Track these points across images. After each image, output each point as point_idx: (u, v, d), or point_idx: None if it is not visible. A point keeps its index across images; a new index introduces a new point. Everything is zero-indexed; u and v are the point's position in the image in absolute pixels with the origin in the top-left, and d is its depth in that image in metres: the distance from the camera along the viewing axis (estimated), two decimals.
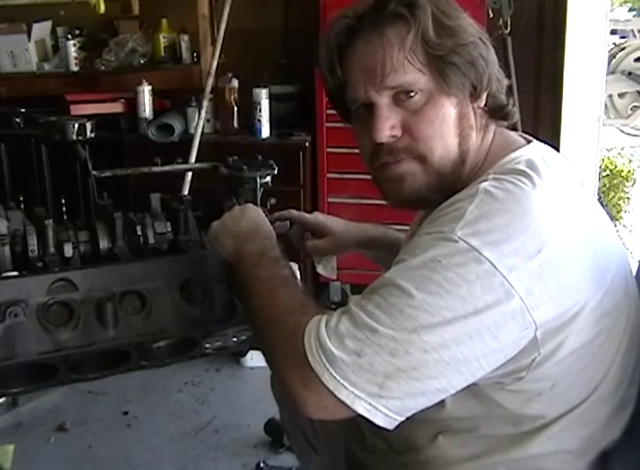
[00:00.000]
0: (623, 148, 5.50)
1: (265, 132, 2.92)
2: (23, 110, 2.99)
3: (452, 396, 0.92)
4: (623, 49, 6.51)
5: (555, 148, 1.08)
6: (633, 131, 6.61)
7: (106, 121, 2.80)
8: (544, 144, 1.08)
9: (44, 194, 3.01)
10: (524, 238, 0.88)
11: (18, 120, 2.97)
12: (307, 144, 2.89)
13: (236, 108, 2.95)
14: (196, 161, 2.71)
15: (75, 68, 3.18)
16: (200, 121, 2.83)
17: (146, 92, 2.99)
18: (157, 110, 3.05)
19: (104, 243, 1.24)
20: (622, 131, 6.56)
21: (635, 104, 6.37)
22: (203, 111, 2.84)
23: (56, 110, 2.94)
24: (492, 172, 0.98)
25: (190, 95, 3.00)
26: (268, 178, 1.38)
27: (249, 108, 2.91)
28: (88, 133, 1.30)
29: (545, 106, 2.95)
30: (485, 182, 0.94)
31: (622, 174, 4.44)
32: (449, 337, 0.86)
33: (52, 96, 3.09)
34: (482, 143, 1.06)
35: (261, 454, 2.25)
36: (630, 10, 9.46)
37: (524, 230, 0.89)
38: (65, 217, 1.70)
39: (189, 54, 3.21)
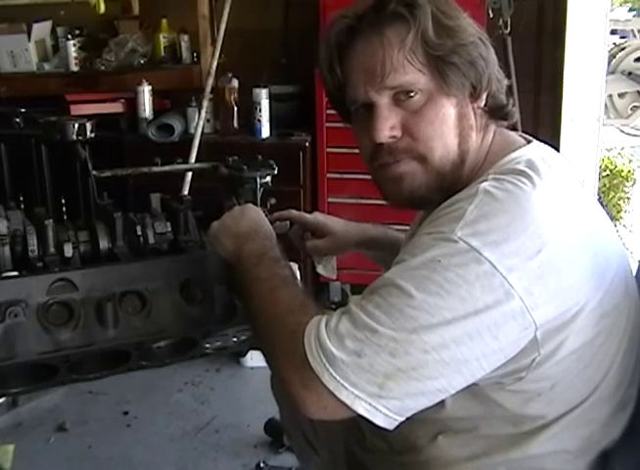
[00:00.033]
0: (623, 148, 5.50)
1: (265, 132, 2.92)
2: (23, 110, 2.99)
3: (452, 396, 0.92)
4: (623, 49, 6.50)
5: (555, 148, 1.08)
6: (633, 131, 6.61)
7: (106, 121, 2.80)
8: (544, 144, 1.07)
9: (44, 194, 3.01)
10: (523, 238, 0.88)
11: (18, 120, 2.97)
12: (307, 144, 2.89)
13: (236, 108, 2.95)
14: (196, 161, 2.71)
15: (75, 68, 3.18)
16: (200, 121, 2.83)
17: (146, 92, 2.99)
18: (157, 110, 3.05)
19: (104, 243, 1.24)
20: (622, 131, 6.56)
21: (635, 104, 6.37)
22: (203, 111, 2.84)
23: (56, 110, 2.94)
24: (492, 172, 0.98)
25: (190, 95, 3.00)
26: (268, 178, 1.38)
27: (249, 108, 2.91)
28: (88, 133, 1.30)
29: (545, 106, 2.95)
30: (485, 182, 0.94)
31: (622, 174, 4.44)
32: (449, 337, 0.86)
33: (52, 96, 3.09)
34: (482, 143, 1.06)
35: (261, 454, 2.25)
36: (630, 10, 9.46)
37: (523, 230, 0.89)
38: (65, 217, 1.70)
39: (189, 54, 3.21)
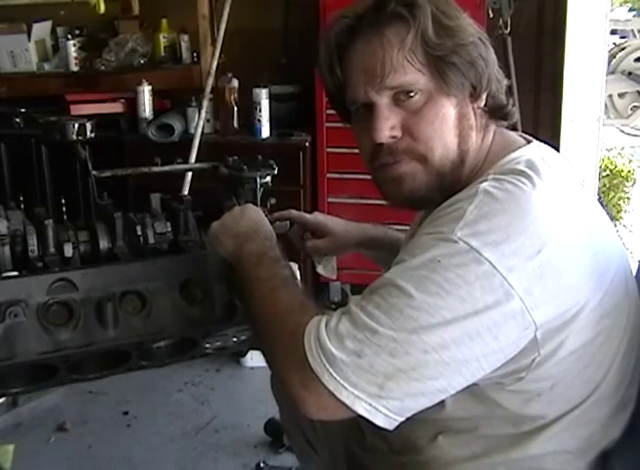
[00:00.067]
0: (623, 148, 5.50)
1: (265, 132, 2.92)
2: (23, 110, 2.99)
3: (452, 396, 0.92)
4: (623, 49, 6.50)
5: (555, 148, 1.08)
6: (633, 131, 6.61)
7: (106, 121, 2.81)
8: (544, 144, 1.07)
9: (44, 194, 3.01)
10: (523, 238, 0.88)
11: (18, 120, 2.97)
12: (307, 144, 2.89)
13: (236, 108, 2.95)
14: (196, 161, 2.71)
15: (75, 68, 3.18)
16: (200, 121, 2.83)
17: (146, 92, 2.99)
18: (157, 110, 3.05)
19: (104, 243, 1.24)
20: (622, 131, 6.56)
21: (635, 104, 6.37)
22: (203, 111, 2.84)
23: (56, 110, 2.94)
24: (492, 173, 0.98)
25: (190, 95, 3.00)
26: (268, 178, 1.38)
27: (249, 108, 2.91)
28: (88, 133, 1.30)
29: (545, 106, 2.95)
30: (485, 182, 0.94)
31: (622, 174, 4.44)
32: (449, 337, 0.86)
33: (52, 96, 3.09)
34: (483, 143, 1.06)
35: (261, 454, 2.25)
36: (630, 10, 9.46)
37: (523, 230, 0.89)
38: (65, 217, 1.69)
39: (189, 54, 3.21)
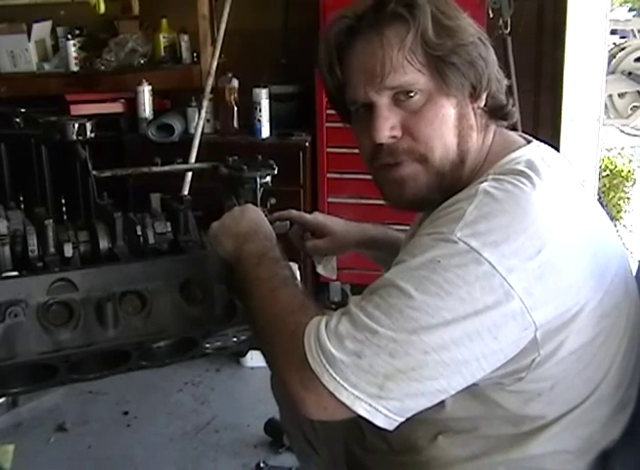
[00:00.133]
0: (623, 148, 5.50)
1: (265, 132, 2.92)
2: (23, 110, 2.99)
3: (452, 396, 0.92)
4: (623, 49, 6.50)
5: (555, 148, 1.08)
6: (633, 131, 6.61)
7: (106, 121, 2.81)
8: (544, 144, 1.07)
9: (44, 194, 3.01)
10: (523, 239, 0.88)
11: (18, 120, 2.97)
12: (307, 144, 2.89)
13: (236, 108, 2.95)
14: (196, 161, 2.71)
15: (75, 68, 3.18)
16: (200, 121, 2.83)
17: (146, 92, 2.99)
18: (157, 110, 3.05)
19: (104, 243, 1.25)
20: (622, 131, 6.56)
21: (635, 104, 6.37)
22: (203, 111, 2.84)
23: (56, 110, 2.94)
24: (492, 173, 0.98)
25: (190, 95, 3.00)
26: (268, 178, 1.38)
27: (249, 108, 2.91)
28: (88, 133, 1.30)
29: (545, 106, 2.95)
30: (485, 183, 0.94)
31: (622, 174, 4.44)
32: (449, 338, 0.86)
33: (52, 96, 3.08)
34: (483, 143, 1.06)
35: (261, 454, 2.25)
36: (630, 10, 9.45)
37: (523, 231, 0.89)
38: (65, 217, 1.69)
39: (189, 54, 3.21)
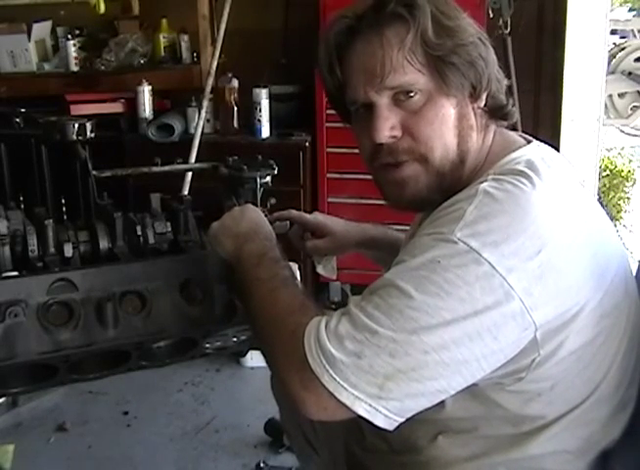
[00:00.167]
0: (623, 148, 5.50)
1: (265, 132, 2.92)
2: (23, 110, 2.99)
3: (452, 396, 0.92)
4: (623, 49, 6.51)
5: (555, 148, 1.08)
6: (633, 131, 6.61)
7: (106, 121, 2.81)
8: (544, 144, 1.07)
9: (44, 194, 3.01)
10: (523, 239, 0.88)
11: (18, 120, 2.97)
12: (307, 144, 2.89)
13: (236, 108, 2.95)
14: (196, 161, 2.71)
15: (75, 68, 3.18)
16: (200, 121, 2.83)
17: (146, 92, 2.99)
18: (157, 110, 3.05)
19: (104, 243, 1.25)
20: (622, 131, 6.56)
21: (635, 104, 6.37)
22: (203, 111, 2.84)
23: (56, 110, 2.94)
24: (492, 173, 0.98)
25: (190, 95, 3.00)
26: (268, 178, 1.38)
27: (249, 108, 2.91)
28: (88, 133, 1.30)
29: (545, 106, 2.95)
30: (485, 183, 0.94)
31: (622, 174, 4.44)
32: (449, 338, 0.86)
33: (52, 96, 3.09)
34: (483, 143, 1.06)
35: (261, 454, 2.25)
36: (630, 10, 9.45)
37: (523, 231, 0.89)
38: (65, 217, 1.70)
39: (189, 54, 3.21)
